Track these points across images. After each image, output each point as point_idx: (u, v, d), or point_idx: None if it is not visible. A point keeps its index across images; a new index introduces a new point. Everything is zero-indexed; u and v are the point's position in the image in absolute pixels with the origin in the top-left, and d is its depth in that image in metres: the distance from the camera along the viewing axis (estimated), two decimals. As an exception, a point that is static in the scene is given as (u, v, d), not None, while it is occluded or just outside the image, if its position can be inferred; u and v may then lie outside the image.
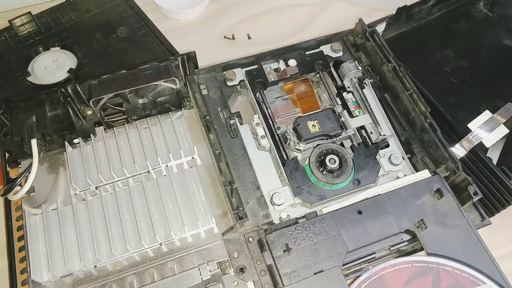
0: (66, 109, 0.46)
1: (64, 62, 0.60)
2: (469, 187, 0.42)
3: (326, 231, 0.41)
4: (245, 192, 0.43)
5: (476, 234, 0.41)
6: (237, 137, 0.47)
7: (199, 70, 0.51)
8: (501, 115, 0.50)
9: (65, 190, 0.45)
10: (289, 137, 0.47)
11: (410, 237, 0.42)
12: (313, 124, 0.46)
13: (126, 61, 0.60)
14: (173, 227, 0.42)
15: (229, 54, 0.60)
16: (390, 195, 0.43)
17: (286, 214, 0.44)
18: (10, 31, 0.63)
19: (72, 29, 0.63)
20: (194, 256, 0.42)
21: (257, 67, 0.51)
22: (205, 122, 0.45)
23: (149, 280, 0.40)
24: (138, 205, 0.43)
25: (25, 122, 0.45)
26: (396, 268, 0.40)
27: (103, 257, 0.41)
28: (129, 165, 0.45)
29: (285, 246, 0.40)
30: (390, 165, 0.46)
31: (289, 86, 0.51)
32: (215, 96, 0.49)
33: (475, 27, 0.61)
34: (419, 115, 0.47)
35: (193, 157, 0.46)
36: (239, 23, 0.68)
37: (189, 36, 0.66)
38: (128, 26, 0.64)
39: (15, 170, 0.46)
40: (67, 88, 0.46)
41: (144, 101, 0.48)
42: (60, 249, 0.41)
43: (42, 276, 0.40)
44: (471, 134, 0.49)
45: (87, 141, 0.47)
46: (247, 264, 0.41)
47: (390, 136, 0.48)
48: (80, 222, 0.42)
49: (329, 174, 0.44)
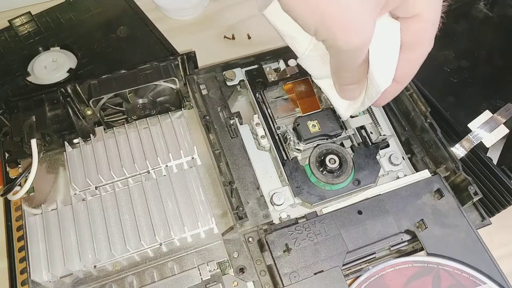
0: (66, 109, 0.46)
1: (64, 62, 0.60)
2: (469, 187, 0.42)
3: (326, 231, 0.41)
4: (245, 192, 0.43)
5: (476, 234, 0.41)
6: (237, 137, 0.47)
7: (199, 70, 0.50)
8: (501, 115, 0.50)
9: (65, 190, 0.45)
10: (289, 137, 0.47)
11: (410, 237, 0.42)
12: (313, 124, 0.46)
13: (126, 61, 0.60)
14: (173, 227, 0.42)
15: (229, 54, 0.60)
16: (390, 195, 0.43)
17: (286, 214, 0.44)
18: (10, 31, 0.63)
19: (72, 29, 0.63)
20: (194, 256, 0.42)
21: (257, 67, 0.51)
22: (205, 122, 0.45)
23: (149, 280, 0.40)
24: (138, 205, 0.43)
25: (25, 122, 0.45)
26: (396, 268, 0.40)
27: (103, 257, 0.41)
28: (128, 165, 0.45)
29: (285, 246, 0.40)
30: (390, 165, 0.46)
31: (289, 86, 0.51)
32: (215, 96, 0.49)
33: (475, 27, 0.61)
34: (419, 115, 0.47)
35: (193, 157, 0.46)
36: (239, 23, 0.68)
37: (189, 36, 0.66)
38: (128, 26, 0.64)
39: (15, 170, 0.46)
40: (67, 88, 0.46)
41: (144, 101, 0.48)
42: (60, 249, 0.41)
43: (41, 276, 0.40)
44: (471, 134, 0.49)
45: (86, 141, 0.47)
46: (247, 264, 0.41)
47: (390, 136, 0.48)
48: (80, 222, 0.42)
49: (329, 174, 0.44)
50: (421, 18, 0.31)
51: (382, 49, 0.33)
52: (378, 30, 0.31)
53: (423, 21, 0.31)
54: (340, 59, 0.33)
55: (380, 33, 0.31)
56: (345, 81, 0.36)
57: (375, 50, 0.32)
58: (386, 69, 0.34)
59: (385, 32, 0.32)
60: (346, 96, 0.38)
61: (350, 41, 0.30)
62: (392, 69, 0.34)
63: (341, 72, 0.35)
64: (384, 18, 0.32)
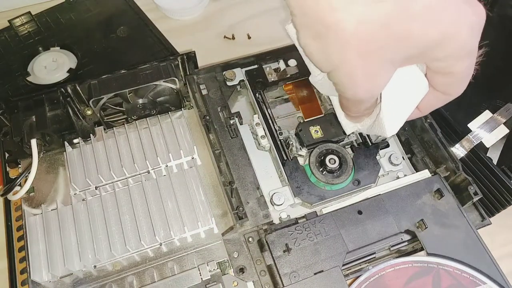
0: (66, 109, 0.46)
1: (64, 62, 0.60)
2: (469, 187, 0.42)
3: (326, 231, 0.41)
4: (245, 192, 0.43)
5: (476, 234, 0.41)
6: (237, 137, 0.47)
7: (199, 70, 0.50)
8: (501, 115, 0.50)
9: (65, 190, 0.45)
10: (291, 142, 0.46)
11: (410, 237, 0.42)
12: (315, 130, 0.46)
13: (126, 61, 0.60)
14: (173, 227, 0.42)
15: (229, 54, 0.60)
16: (390, 195, 0.43)
17: (286, 214, 0.44)
18: (10, 31, 0.63)
19: (72, 29, 0.63)
20: (194, 256, 0.42)
21: (257, 67, 0.51)
22: (205, 122, 0.45)
23: (149, 280, 0.40)
24: (138, 205, 0.43)
25: (25, 122, 0.45)
26: (396, 268, 0.40)
27: (103, 257, 0.41)
28: (128, 165, 0.45)
29: (285, 246, 0.40)
30: (390, 165, 0.46)
31: (289, 86, 0.51)
32: (215, 96, 0.49)
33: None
34: (419, 115, 0.47)
35: (193, 157, 0.46)
36: (239, 23, 0.68)
37: (189, 36, 0.66)
38: (128, 26, 0.64)
39: (14, 170, 0.46)
40: (67, 88, 0.46)
41: (144, 101, 0.48)
42: (60, 249, 0.41)
43: (42, 276, 0.40)
44: (471, 134, 0.49)
45: (86, 141, 0.47)
46: (247, 264, 0.41)
47: (390, 136, 0.48)
48: (80, 222, 0.42)
49: (329, 174, 0.44)
50: (450, 75, 0.30)
51: (397, 97, 0.31)
52: (398, 77, 0.29)
53: (452, 77, 0.30)
54: (347, 102, 0.33)
55: (399, 80, 0.30)
56: (351, 114, 0.36)
57: (390, 97, 0.31)
58: (397, 119, 0.33)
59: (406, 80, 0.30)
60: (352, 120, 0.38)
61: (356, 95, 0.29)
62: (403, 118, 0.32)
63: (347, 110, 0.35)
64: (408, 66, 0.30)
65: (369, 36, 0.26)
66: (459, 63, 0.29)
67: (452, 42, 0.27)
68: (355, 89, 0.29)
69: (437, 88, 0.31)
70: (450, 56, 0.28)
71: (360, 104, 0.32)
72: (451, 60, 0.28)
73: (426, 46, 0.27)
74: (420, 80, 0.31)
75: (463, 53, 0.28)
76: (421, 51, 0.27)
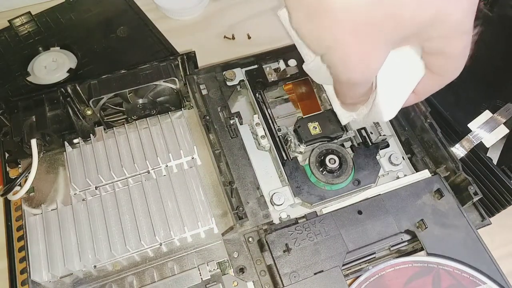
0: (66, 109, 0.46)
1: (64, 62, 0.60)
2: (469, 187, 0.42)
3: (326, 231, 0.41)
4: (245, 192, 0.43)
5: (476, 234, 0.41)
6: (237, 137, 0.47)
7: (199, 70, 0.50)
8: (501, 115, 0.50)
9: (65, 190, 0.45)
10: (290, 139, 0.46)
11: (410, 237, 0.42)
12: (313, 126, 0.46)
13: (126, 61, 0.60)
14: (173, 227, 0.42)
15: (229, 54, 0.60)
16: (390, 195, 0.43)
17: (286, 214, 0.44)
18: (10, 31, 0.63)
19: (72, 29, 0.63)
20: (194, 256, 0.42)
21: (257, 67, 0.51)
22: (205, 122, 0.45)
23: (149, 280, 0.40)
24: (138, 205, 0.43)
25: (25, 122, 0.45)
26: (396, 268, 0.40)
27: (103, 257, 0.41)
28: (128, 165, 0.45)
29: (285, 246, 0.40)
30: (390, 165, 0.46)
31: (289, 86, 0.51)
32: (215, 96, 0.49)
33: (475, 27, 0.61)
34: (419, 115, 0.47)
35: (193, 157, 0.46)
36: (239, 23, 0.68)
37: (189, 36, 0.66)
38: (128, 26, 0.64)
39: (14, 170, 0.46)
40: (67, 88, 0.46)
41: (144, 101, 0.48)
42: (60, 249, 0.41)
43: (41, 276, 0.40)
44: (471, 134, 0.49)
45: (86, 141, 0.47)
46: (247, 264, 0.41)
47: (390, 136, 0.48)
48: (80, 222, 0.42)
49: (329, 174, 0.44)
50: (444, 55, 0.29)
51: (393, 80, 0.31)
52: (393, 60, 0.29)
53: (447, 57, 0.29)
54: (341, 87, 0.32)
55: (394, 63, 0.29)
56: (346, 101, 0.36)
57: (385, 80, 0.30)
58: (394, 102, 0.32)
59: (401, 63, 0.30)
60: (347, 108, 0.37)
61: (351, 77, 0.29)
62: (400, 102, 0.32)
63: (342, 96, 0.35)
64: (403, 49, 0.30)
65: (361, 13, 0.25)
66: (454, 43, 0.28)
67: (446, 21, 0.27)
68: (349, 70, 0.28)
69: (433, 70, 0.31)
70: (444, 36, 0.28)
71: (355, 88, 0.31)
72: (446, 40, 0.28)
73: (419, 25, 0.27)
74: (416, 63, 0.31)
75: (457, 33, 0.28)
76: (414, 31, 0.27)
